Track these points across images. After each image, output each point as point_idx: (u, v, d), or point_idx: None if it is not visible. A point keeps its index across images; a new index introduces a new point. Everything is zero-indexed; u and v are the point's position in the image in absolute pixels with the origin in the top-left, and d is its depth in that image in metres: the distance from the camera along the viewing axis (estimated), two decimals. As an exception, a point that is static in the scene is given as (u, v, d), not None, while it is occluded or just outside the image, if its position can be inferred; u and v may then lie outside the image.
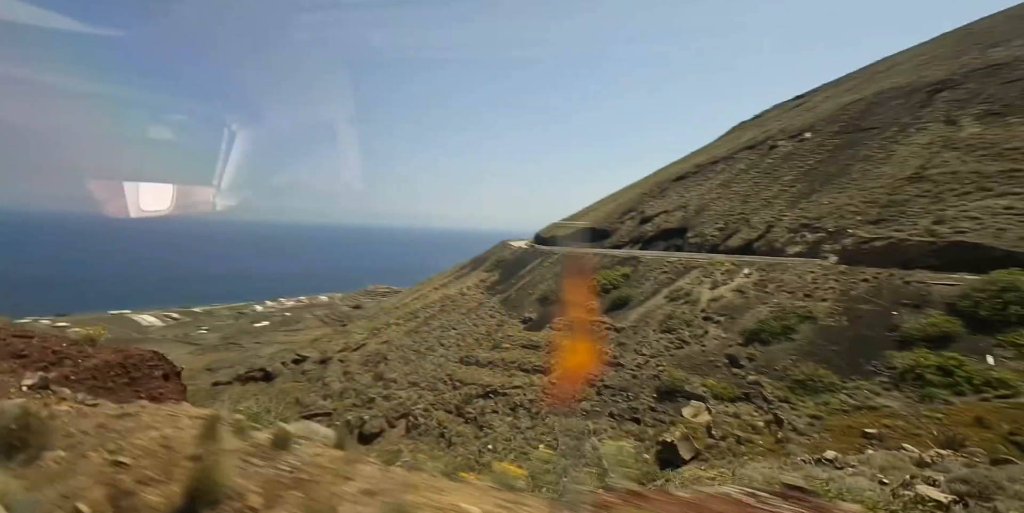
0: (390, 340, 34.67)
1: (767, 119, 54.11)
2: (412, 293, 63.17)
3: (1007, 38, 34.29)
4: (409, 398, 24.11)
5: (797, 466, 5.50)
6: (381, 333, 38.18)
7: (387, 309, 54.84)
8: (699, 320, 17.58)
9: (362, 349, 35.72)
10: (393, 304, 59.13)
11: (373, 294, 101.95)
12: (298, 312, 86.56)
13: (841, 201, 21.45)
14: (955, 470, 3.82)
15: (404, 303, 52.96)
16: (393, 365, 29.38)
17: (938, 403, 9.45)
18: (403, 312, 42.57)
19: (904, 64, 42.54)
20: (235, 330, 72.10)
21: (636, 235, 34.71)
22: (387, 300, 77.36)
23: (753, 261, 19.90)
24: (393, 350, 32.06)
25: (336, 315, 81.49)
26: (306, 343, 53.56)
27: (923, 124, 25.50)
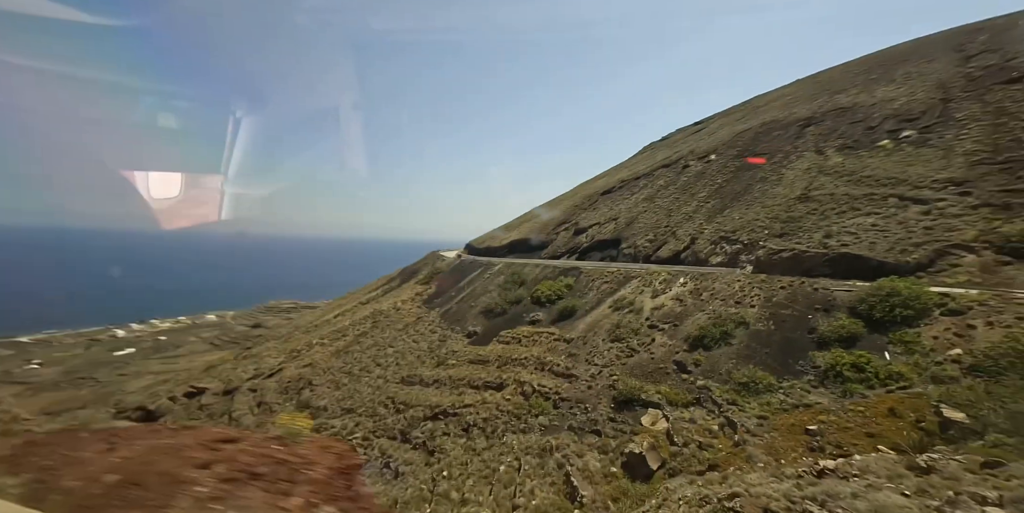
0: (314, 363, 31.41)
1: (675, 141, 60.29)
2: (333, 309, 58.50)
3: (845, 87, 42.34)
4: (344, 427, 21.89)
5: (798, 478, 5.78)
6: (302, 355, 34.49)
7: (304, 327, 49.90)
8: (645, 328, 18.50)
9: (279, 375, 31.85)
10: (311, 321, 54.10)
11: (276, 311, 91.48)
12: (177, 335, 73.61)
13: (749, 216, 24.35)
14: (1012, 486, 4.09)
15: (325, 320, 48.72)
16: (321, 391, 26.56)
17: (857, 397, 10.94)
18: (328, 330, 39.01)
19: (776, 102, 50.39)
20: (84, 362, 59.84)
21: (572, 246, 35.98)
22: (300, 317, 70.09)
23: (685, 271, 21.62)
24: (319, 374, 29.05)
25: (230, 337, 71.31)
26: (197, 372, 46.43)
27: (800, 153, 30.19)
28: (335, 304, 64.89)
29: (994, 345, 10.34)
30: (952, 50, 41.33)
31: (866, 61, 51.88)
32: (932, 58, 41.10)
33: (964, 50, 39.68)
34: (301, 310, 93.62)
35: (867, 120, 30.74)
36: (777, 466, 8.45)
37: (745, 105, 61.93)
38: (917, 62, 41.89)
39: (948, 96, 29.66)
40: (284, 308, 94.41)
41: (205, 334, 73.35)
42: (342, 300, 67.22)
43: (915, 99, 30.77)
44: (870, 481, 4.65)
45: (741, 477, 6.68)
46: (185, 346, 67.63)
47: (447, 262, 47.04)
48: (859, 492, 4.44)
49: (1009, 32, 39.01)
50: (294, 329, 53.25)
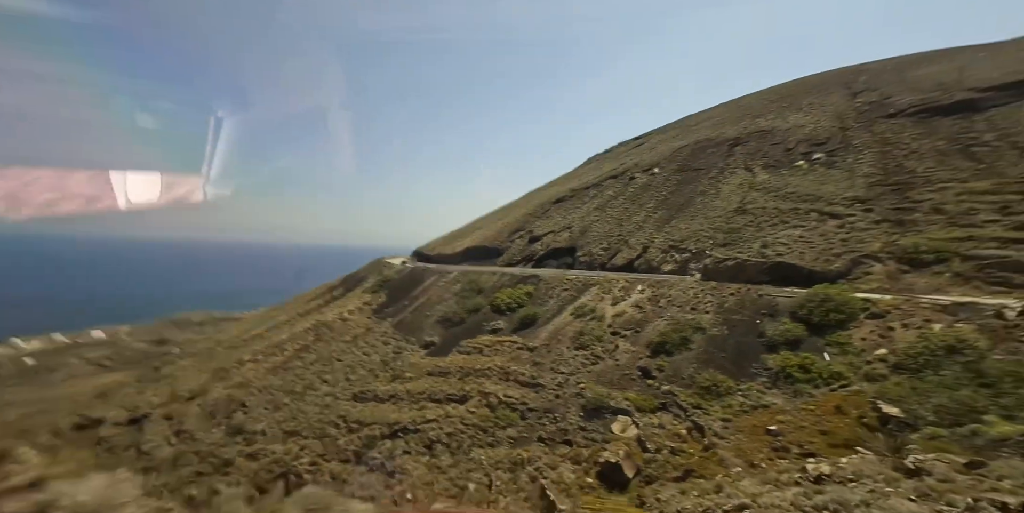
0: (247, 382, 28.29)
1: (619, 154, 63.48)
2: (264, 321, 53.52)
3: (763, 112, 47.43)
4: (288, 452, 19.87)
5: (795, 485, 6.02)
6: (231, 374, 30.95)
7: (229, 342, 44.93)
8: (608, 335, 18.91)
9: (202, 398, 28.22)
10: (237, 336, 48.82)
11: (185, 324, 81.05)
12: (51, 358, 62.13)
13: (695, 227, 26.08)
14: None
15: (256, 334, 44.33)
16: (257, 413, 23.92)
17: (806, 397, 11.97)
18: (261, 345, 35.47)
19: (706, 122, 55.15)
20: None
21: (528, 253, 36.15)
22: (221, 331, 62.44)
23: (641, 278, 22.55)
24: (254, 394, 26.19)
25: (125, 356, 61.82)
26: (86, 399, 40.00)
27: (732, 169, 33.11)
28: (266, 315, 59.25)
29: (911, 345, 11.92)
30: (842, 86, 47.85)
31: (778, 90, 58.45)
32: (829, 92, 47.26)
33: (851, 87, 46.14)
34: (218, 323, 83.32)
35: (784, 142, 34.53)
36: (754, 469, 8.92)
37: (679, 123, 66.97)
38: (817, 95, 47.90)
39: (845, 125, 34.25)
40: (196, 321, 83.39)
41: (91, 354, 62.16)
42: (274, 311, 61.61)
43: (820, 126, 35.16)
44: (871, 486, 4.95)
45: (735, 485, 6.87)
46: (63, 370, 56.62)
47: (396, 269, 45.04)
48: (868, 500, 4.70)
49: (882, 75, 46.04)
50: (215, 345, 47.65)
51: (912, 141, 28.67)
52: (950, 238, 17.24)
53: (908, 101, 34.77)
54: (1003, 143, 24.93)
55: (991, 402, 8.71)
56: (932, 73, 40.79)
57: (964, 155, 25.12)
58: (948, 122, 29.97)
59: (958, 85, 34.01)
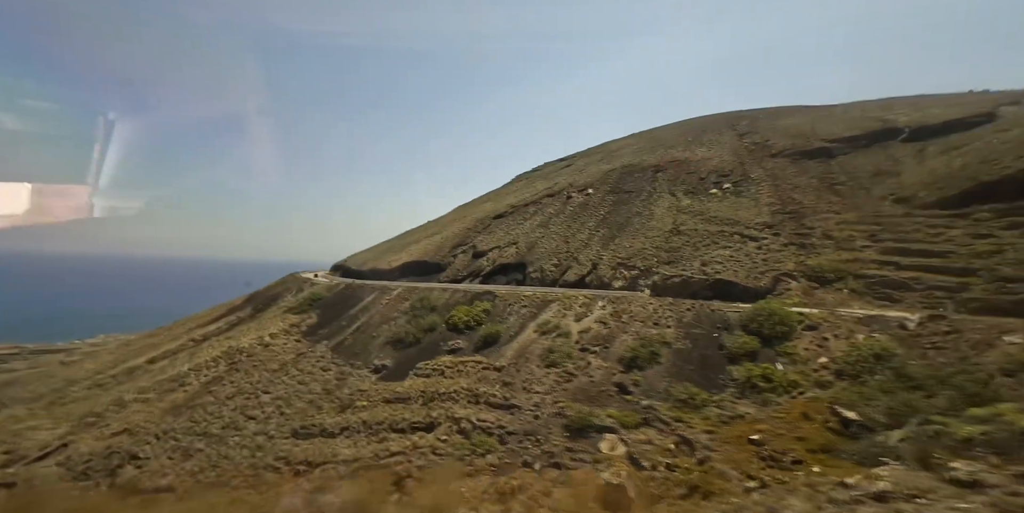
0: (134, 427, 22.78)
1: (548, 173, 65.94)
2: (140, 351, 44.08)
3: (674, 144, 53.40)
4: (212, 508, 16.08)
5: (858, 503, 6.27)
6: (107, 419, 24.68)
7: (88, 381, 35.95)
8: (577, 352, 18.90)
9: (64, 453, 21.83)
10: (100, 371, 39.37)
11: (4, 359, 63.57)
12: None
13: (637, 246, 27.80)
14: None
15: (132, 367, 36.33)
16: (158, 465, 19.18)
17: (774, 405, 13.11)
18: (150, 380, 28.97)
19: (626, 149, 60.39)
20: None
21: (474, 269, 35.16)
22: (64, 367, 49.32)
23: (600, 294, 23.15)
24: (149, 441, 21.09)
25: None
26: None
27: (659, 193, 36.35)
28: (141, 344, 48.61)
29: (846, 353, 13.90)
30: (729, 128, 56.05)
31: (679, 126, 66.34)
32: (721, 131, 54.95)
33: (736, 129, 54.29)
34: (33, 357, 66.09)
35: (697, 172, 39.04)
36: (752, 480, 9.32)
37: (601, 148, 72.20)
38: (712, 133, 55.34)
39: (741, 160, 39.96)
40: (29, 351, 65.28)
41: None
42: (152, 338, 50.91)
43: (724, 160, 40.55)
44: (945, 503, 5.32)
45: (783, 503, 6.98)
46: None
47: (323, 286, 40.46)
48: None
49: (758, 121, 54.99)
50: (64, 384, 37.75)
51: (793, 177, 34.45)
52: (842, 260, 20.74)
53: (783, 145, 41.81)
54: (854, 183, 31.16)
55: (926, 403, 10.48)
56: (794, 123, 49.78)
57: (831, 191, 30.83)
58: (813, 164, 36.64)
59: (814, 135, 41.96)
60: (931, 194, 23.79)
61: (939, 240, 19.16)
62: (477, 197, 76.48)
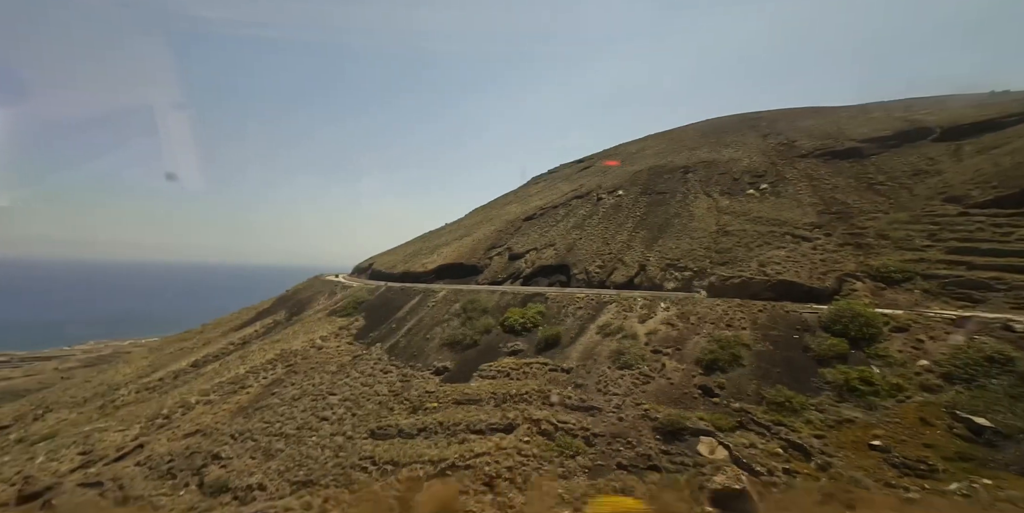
0: (206, 428, 22.63)
1: (568, 175, 65.49)
2: (173, 355, 44.10)
3: (696, 146, 52.81)
4: (307, 506, 15.81)
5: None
6: (175, 420, 24.49)
7: (139, 385, 35.85)
8: (649, 354, 18.48)
9: (141, 452, 21.73)
10: (138, 375, 39.26)
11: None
12: None
13: (684, 247, 27.32)
14: None
15: (178, 370, 36.25)
16: (241, 464, 18.92)
17: (882, 410, 12.68)
18: (210, 382, 28.71)
19: (647, 150, 59.82)
20: None
21: (513, 271, 34.77)
22: (99, 371, 48.62)
23: (657, 296, 22.71)
24: (226, 442, 20.90)
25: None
26: None
27: (695, 195, 35.83)
28: (173, 348, 48.30)
29: (952, 356, 13.44)
30: (750, 129, 55.39)
31: (698, 127, 65.63)
32: (742, 132, 54.30)
33: (758, 130, 53.66)
34: (31, 363, 65.17)
35: (730, 173, 38.48)
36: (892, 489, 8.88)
37: (618, 150, 71.66)
38: (734, 134, 54.67)
39: (772, 161, 39.37)
40: (19, 358, 64.27)
41: None
42: (183, 342, 50.59)
43: (754, 161, 39.94)
44: None
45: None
46: None
47: (363, 289, 40.23)
48: None
49: (777, 123, 54.27)
50: (107, 388, 37.73)
51: (828, 178, 33.87)
52: (906, 260, 20.21)
53: (811, 145, 41.15)
54: (894, 183, 30.57)
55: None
56: (816, 124, 49.07)
57: (872, 191, 30.24)
58: (846, 164, 36.02)
59: (842, 135, 41.27)
60: (985, 193, 23.20)
61: (1011, 239, 18.64)
62: (495, 199, 76.11)
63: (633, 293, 24.06)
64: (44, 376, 61.84)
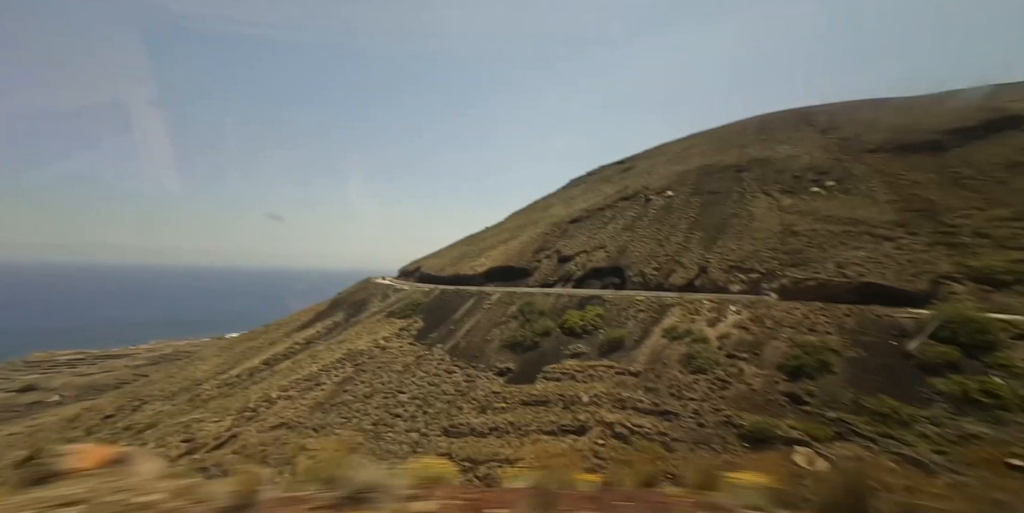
0: (290, 421, 23.85)
1: (608, 176, 64.44)
2: (244, 353, 46.72)
3: (746, 144, 50.40)
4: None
5: None
6: (260, 414, 25.99)
7: (221, 380, 38.43)
8: (724, 358, 17.69)
9: (233, 444, 23.23)
10: (216, 371, 41.98)
11: (48, 366, 65.61)
12: None
13: (747, 247, 26.04)
14: None
15: (250, 368, 38.45)
16: (326, 455, 19.75)
17: (1014, 425, 11.41)
18: (286, 379, 30.37)
19: (692, 149, 57.77)
20: None
21: (564, 274, 34.54)
22: (178, 368, 52.03)
23: (725, 299, 21.78)
24: (310, 435, 21.92)
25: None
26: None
27: (752, 194, 34.12)
28: (243, 347, 51.14)
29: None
30: (804, 124, 52.18)
31: (744, 126, 62.73)
32: (796, 128, 51.26)
33: (815, 125, 50.43)
34: (105, 361, 69.63)
35: (789, 170, 36.36)
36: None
37: (660, 150, 69.77)
38: (786, 130, 51.75)
39: (836, 157, 36.83)
40: (63, 361, 67.75)
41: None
42: (251, 342, 53.40)
43: (815, 157, 37.54)
44: None
45: None
46: None
47: (419, 292, 41.39)
48: None
49: (837, 117, 50.80)
50: (191, 383, 40.73)
51: (904, 173, 31.21)
52: (1012, 260, 18.16)
53: (879, 139, 38.17)
54: (985, 177, 27.65)
55: None
56: (881, 116, 45.50)
57: (958, 186, 27.53)
58: (922, 158, 33.07)
59: (917, 127, 37.94)
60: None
61: None
62: (535, 202, 76.10)
63: (696, 296, 23.19)
64: (118, 372, 66.71)
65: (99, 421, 39.79)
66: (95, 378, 63.77)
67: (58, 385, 57.86)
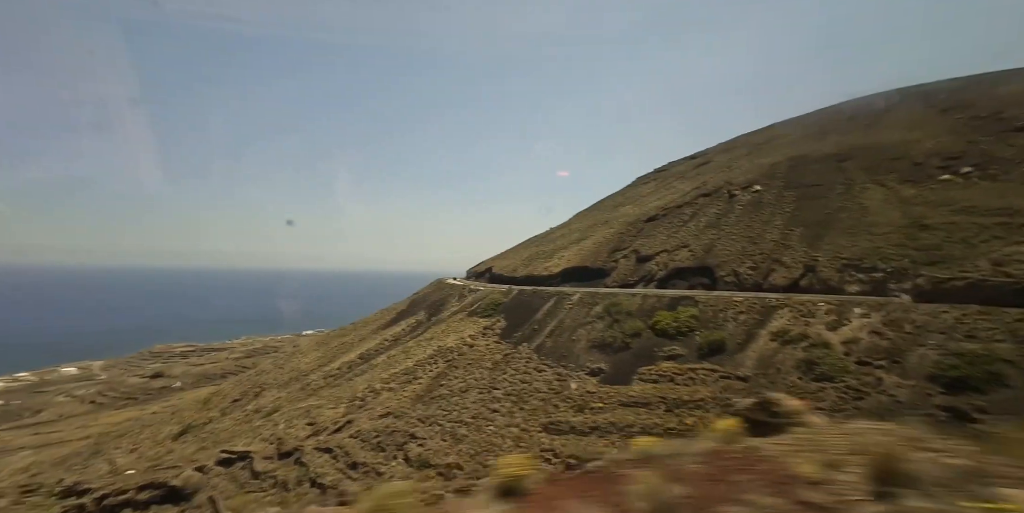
0: (395, 411, 25.76)
1: (682, 172, 61.30)
2: (338, 348, 50.84)
3: (847, 129, 45.20)
4: None
5: None
6: (368, 403, 28.40)
7: (320, 371, 42.51)
8: (854, 365, 16.00)
9: (349, 429, 25.62)
10: (325, 363, 46.23)
11: (167, 356, 75.23)
12: (25, 397, 55.23)
13: (865, 244, 23.28)
14: None
15: (346, 362, 41.89)
16: (434, 445, 21.23)
17: None
18: (387, 372, 32.90)
19: (778, 140, 52.96)
20: None
21: (644, 274, 33.51)
22: (285, 359, 57.79)
23: (847, 300, 19.73)
24: (415, 424, 23.61)
25: (120, 392, 55.66)
26: (155, 434, 36.88)
27: (861, 185, 30.41)
28: (336, 343, 55.76)
29: None
30: (920, 104, 45.41)
31: (832, 112, 56.34)
32: (910, 109, 44.84)
33: (933, 104, 43.67)
34: (208, 353, 77.67)
35: (907, 157, 31.88)
36: None
37: (737, 142, 64.99)
38: (896, 112, 45.55)
39: (971, 139, 31.54)
40: (178, 352, 77.62)
41: (80, 391, 55.93)
42: (342, 338, 57.93)
43: (941, 140, 32.52)
44: None
45: None
46: (52, 407, 50.57)
47: (490, 292, 42.72)
48: None
49: (962, 93, 43.53)
50: (298, 374, 45.46)
51: (1069, 152, 25.88)
52: None
53: (1029, 114, 32.08)
54: None
55: None
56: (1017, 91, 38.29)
57: None
58: (1095, 133, 27.16)
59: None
60: None
61: None
62: (600, 201, 74.60)
63: (806, 297, 21.26)
64: (222, 363, 75.74)
65: (229, 404, 46.37)
66: (205, 368, 73.77)
67: (178, 373, 67.50)
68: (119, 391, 56.28)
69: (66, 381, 65.59)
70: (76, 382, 64.62)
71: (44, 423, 48.44)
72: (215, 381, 60.86)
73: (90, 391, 57.41)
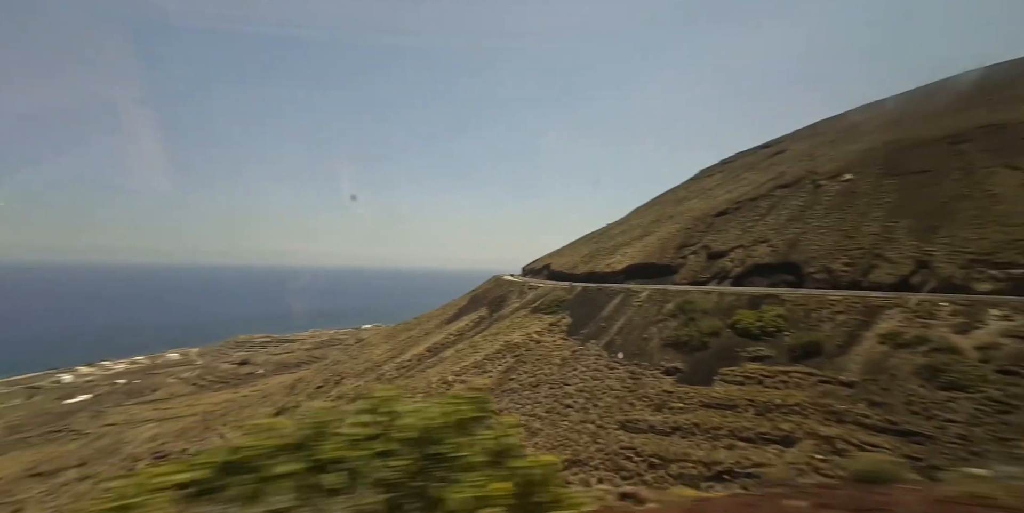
0: None
1: (752, 163, 57.03)
2: (406, 341, 53.31)
3: (964, 107, 39.32)
4: (583, 483, 17.08)
5: None
6: (444, 394, 29.72)
7: (392, 363, 44.96)
8: (994, 374, 14.00)
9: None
10: (395, 355, 48.78)
11: (249, 346, 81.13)
12: (139, 377, 62.45)
13: (995, 237, 20.20)
14: None
15: (415, 355, 43.91)
16: (507, 436, 21.75)
17: None
18: (458, 365, 34.29)
19: (869, 124, 47.36)
20: (30, 413, 48.61)
21: (717, 271, 31.75)
22: (356, 351, 61.71)
23: (976, 300, 17.30)
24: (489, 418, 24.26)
25: (216, 376, 61.63)
26: (253, 414, 40.60)
27: (984, 169, 26.31)
28: (403, 336, 58.53)
29: None
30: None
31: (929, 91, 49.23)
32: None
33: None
34: (282, 344, 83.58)
35: (1047, 134, 27.07)
36: None
37: (814, 129, 59.15)
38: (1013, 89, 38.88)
39: None
40: (258, 342, 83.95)
41: (184, 374, 63.15)
42: (408, 332, 60.63)
43: (1094, 112, 27.18)
44: None
45: None
46: (164, 388, 57.58)
47: (551, 288, 42.82)
48: None
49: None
50: (372, 365, 48.45)
51: None
52: None
53: None
54: None
55: None
56: None
57: None
58: None
59: None
60: None
61: None
62: (661, 195, 71.40)
63: (922, 296, 18.91)
64: (295, 354, 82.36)
65: (313, 390, 51.02)
66: (283, 357, 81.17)
67: (261, 361, 74.87)
68: (214, 375, 63.82)
69: (172, 365, 75.52)
70: (180, 367, 74.13)
71: (160, 400, 56.25)
72: (291, 369, 66.84)
73: (192, 374, 65.55)
